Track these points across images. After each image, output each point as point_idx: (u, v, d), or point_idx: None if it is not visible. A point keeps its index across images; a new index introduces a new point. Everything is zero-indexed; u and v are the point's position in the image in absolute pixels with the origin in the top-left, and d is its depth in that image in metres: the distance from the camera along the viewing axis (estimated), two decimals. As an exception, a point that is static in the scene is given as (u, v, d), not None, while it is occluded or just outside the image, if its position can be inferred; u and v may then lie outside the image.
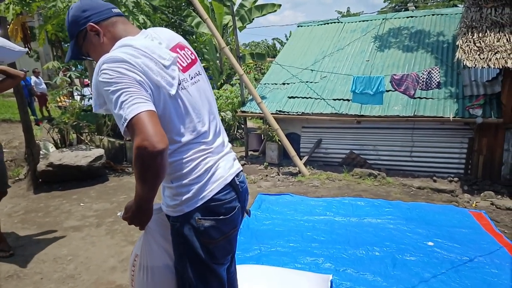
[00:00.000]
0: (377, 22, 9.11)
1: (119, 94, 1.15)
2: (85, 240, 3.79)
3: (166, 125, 1.26)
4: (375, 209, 4.52)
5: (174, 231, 1.40)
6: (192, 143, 1.33)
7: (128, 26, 1.41)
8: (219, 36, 7.30)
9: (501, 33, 5.59)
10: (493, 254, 3.30)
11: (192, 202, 1.33)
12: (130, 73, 1.18)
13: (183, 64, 1.38)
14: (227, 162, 1.45)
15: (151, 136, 1.10)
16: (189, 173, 1.33)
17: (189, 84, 1.37)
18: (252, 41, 27.77)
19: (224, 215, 1.37)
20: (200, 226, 1.34)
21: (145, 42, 1.30)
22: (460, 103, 6.31)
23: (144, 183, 1.20)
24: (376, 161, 7.03)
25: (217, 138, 1.46)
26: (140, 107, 1.13)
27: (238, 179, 1.48)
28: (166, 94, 1.26)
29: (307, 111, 7.27)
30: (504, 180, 6.00)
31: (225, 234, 1.40)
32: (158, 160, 1.12)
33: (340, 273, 2.99)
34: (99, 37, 1.36)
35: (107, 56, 1.22)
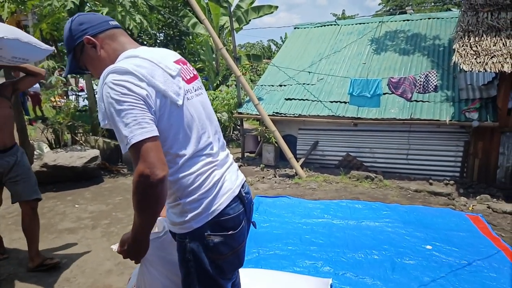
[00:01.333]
0: (373, 25, 9.14)
1: (123, 115, 1.14)
2: (81, 242, 3.73)
3: (172, 136, 1.25)
4: (373, 212, 4.52)
5: (181, 248, 1.36)
6: (198, 155, 1.32)
7: (127, 38, 1.40)
8: (216, 37, 7.27)
9: (497, 37, 5.64)
10: (491, 258, 3.30)
11: (202, 218, 1.31)
12: (135, 88, 1.17)
13: (187, 77, 1.38)
14: (232, 174, 1.44)
15: (153, 164, 1.12)
16: (198, 188, 1.30)
17: (193, 95, 1.37)
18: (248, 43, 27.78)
19: (233, 229, 1.35)
20: (209, 242, 1.31)
21: (150, 53, 1.30)
22: (456, 107, 6.35)
23: (143, 212, 1.20)
24: (373, 163, 7.04)
25: (222, 150, 1.46)
26: (144, 133, 1.13)
27: (244, 190, 1.47)
28: (172, 104, 1.25)
29: (304, 113, 7.26)
30: (499, 183, 6.04)
31: (234, 249, 1.38)
32: (158, 189, 1.14)
33: (339, 277, 2.97)
34: (96, 49, 1.34)
35: (112, 67, 1.21)
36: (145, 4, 7.13)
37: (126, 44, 1.37)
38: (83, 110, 9.84)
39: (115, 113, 1.15)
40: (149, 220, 1.23)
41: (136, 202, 1.18)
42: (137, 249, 1.31)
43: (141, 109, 1.15)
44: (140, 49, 1.34)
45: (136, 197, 1.17)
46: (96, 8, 6.75)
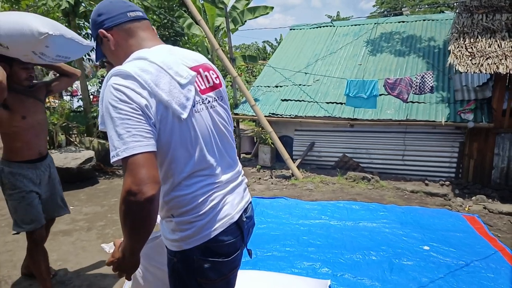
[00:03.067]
0: (369, 26, 9.17)
1: (118, 123, 1.06)
2: (75, 244, 3.68)
3: (171, 152, 1.16)
4: (370, 213, 4.52)
5: (170, 264, 1.29)
6: (198, 175, 1.22)
7: (147, 33, 1.29)
8: (212, 37, 7.25)
9: (492, 38, 5.68)
10: (488, 258, 3.31)
11: (192, 240, 1.21)
12: (135, 95, 1.08)
13: (201, 86, 1.26)
14: (236, 196, 1.33)
15: (142, 181, 1.02)
16: (193, 209, 1.21)
17: (204, 107, 1.25)
18: (243, 44, 27.75)
19: (225, 256, 1.26)
20: (197, 266, 1.23)
21: (162, 56, 1.20)
22: (451, 108, 6.38)
23: (129, 231, 1.11)
24: (369, 164, 7.05)
25: (229, 169, 1.34)
26: (137, 146, 1.04)
27: (246, 214, 1.37)
28: (175, 117, 1.14)
29: (300, 114, 7.26)
30: (494, 184, 6.08)
31: (224, 276, 1.28)
32: (145, 209, 1.04)
33: (337, 278, 2.96)
34: (110, 45, 1.27)
35: (117, 69, 1.13)
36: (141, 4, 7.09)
37: (143, 40, 1.27)
38: (77, 110, 9.75)
39: (110, 119, 1.07)
40: (135, 240, 1.13)
41: (122, 220, 1.08)
42: (125, 266, 1.21)
43: (137, 120, 1.06)
44: (153, 49, 1.23)
45: (121, 215, 1.08)
46: (91, 7, 6.70)
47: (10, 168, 2.45)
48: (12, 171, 2.45)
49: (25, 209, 2.46)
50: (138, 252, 1.18)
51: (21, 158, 2.48)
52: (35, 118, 2.52)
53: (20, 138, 2.45)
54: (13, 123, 2.40)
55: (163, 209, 1.25)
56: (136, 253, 1.18)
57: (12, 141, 2.44)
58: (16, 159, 2.47)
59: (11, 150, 2.47)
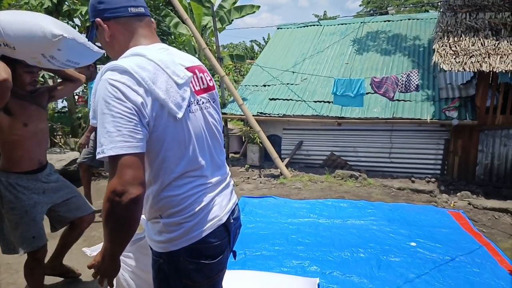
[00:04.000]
0: (355, 25, 9.25)
1: (109, 120, 1.04)
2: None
3: (163, 151, 1.15)
4: (358, 210, 4.55)
5: (155, 266, 1.27)
6: (189, 176, 1.21)
7: (145, 30, 1.27)
8: (199, 36, 7.21)
9: (475, 37, 5.79)
10: (473, 253, 3.37)
11: (179, 242, 1.20)
12: (131, 93, 1.06)
13: (196, 87, 1.26)
14: (224, 198, 1.33)
15: (128, 182, 1.02)
16: (182, 211, 1.20)
17: (198, 108, 1.25)
18: (230, 43, 27.66)
19: (212, 258, 1.25)
20: (184, 267, 1.21)
21: (159, 54, 1.19)
22: (436, 106, 6.48)
23: (111, 233, 1.09)
24: (357, 162, 7.11)
25: (218, 170, 1.34)
26: (125, 147, 1.02)
27: (233, 216, 1.36)
28: (170, 117, 1.13)
29: (288, 113, 7.27)
30: (478, 180, 6.20)
31: (211, 278, 1.27)
32: (130, 210, 1.04)
33: (326, 276, 2.97)
34: (105, 35, 1.25)
35: (113, 64, 1.11)
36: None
37: (141, 37, 1.25)
38: (62, 111, 9.59)
39: (102, 115, 1.05)
40: (116, 243, 1.11)
41: (104, 220, 1.06)
42: (106, 269, 1.19)
43: (129, 120, 1.04)
44: (151, 47, 1.22)
45: (104, 215, 1.06)
46: (75, 6, 6.60)
47: (9, 179, 2.28)
48: (11, 183, 2.28)
49: (28, 224, 2.27)
50: (118, 255, 1.17)
51: (21, 168, 2.31)
52: (37, 126, 2.36)
53: (21, 147, 2.28)
54: (14, 131, 2.24)
55: (151, 210, 1.23)
56: (116, 256, 1.16)
57: (12, 150, 2.28)
58: (15, 170, 2.30)
59: (10, 160, 2.29)
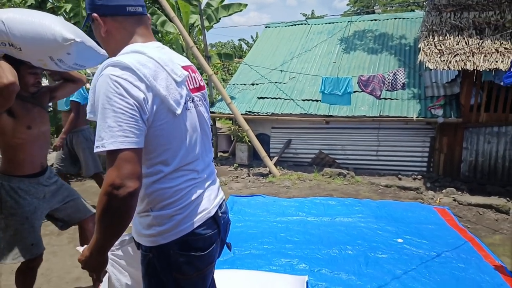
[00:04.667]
0: (342, 24, 9.31)
1: (110, 115, 1.05)
2: (46, 249, 3.49)
3: (160, 146, 1.18)
4: (346, 208, 4.59)
5: (145, 261, 1.27)
6: (183, 169, 1.24)
7: (141, 29, 1.29)
8: (187, 35, 7.15)
9: (460, 36, 5.88)
10: (459, 248, 3.43)
11: (170, 234, 1.22)
12: (133, 89, 1.08)
13: (190, 86, 1.30)
14: (212, 192, 1.36)
15: (126, 176, 1.05)
16: (173, 203, 1.22)
17: (193, 106, 1.29)
18: (219, 42, 27.54)
19: (201, 250, 1.27)
20: (174, 260, 1.23)
21: (158, 53, 1.22)
22: (422, 104, 6.57)
23: (104, 226, 1.10)
24: (345, 160, 7.17)
25: (207, 167, 1.38)
26: (125, 142, 1.05)
27: (221, 210, 1.39)
28: (169, 113, 1.16)
29: (276, 112, 7.28)
30: (463, 177, 6.31)
31: (201, 270, 1.29)
32: (126, 203, 1.06)
33: (315, 274, 2.98)
34: (101, 31, 1.26)
35: (114, 59, 1.12)
36: (112, 1, 6.89)
37: (138, 36, 1.27)
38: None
39: (103, 110, 1.06)
40: (108, 236, 1.13)
41: (99, 213, 1.08)
42: (93, 264, 1.20)
43: (131, 115, 1.06)
44: (149, 45, 1.24)
45: (100, 208, 1.07)
46: (59, 4, 6.47)
47: (11, 183, 2.21)
48: (13, 187, 2.21)
49: (28, 231, 2.20)
50: (107, 250, 1.17)
51: (22, 172, 2.23)
52: (40, 129, 2.29)
53: (24, 151, 2.21)
54: (18, 134, 2.16)
55: (142, 203, 1.24)
56: (104, 251, 1.17)
57: (14, 153, 2.20)
58: (17, 173, 2.22)
59: (12, 163, 2.22)
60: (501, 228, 4.19)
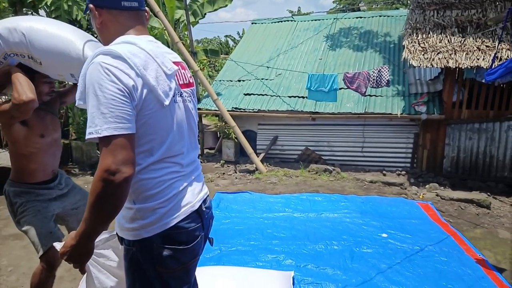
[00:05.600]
0: (328, 21, 9.36)
1: (102, 102, 1.07)
2: (27, 249, 3.45)
3: (146, 135, 1.18)
4: (331, 203, 4.63)
5: (128, 256, 1.26)
6: (167, 161, 1.24)
7: (136, 24, 1.30)
8: (172, 30, 7.07)
9: (443, 34, 5.98)
10: (441, 242, 3.50)
11: (153, 228, 1.21)
12: (123, 76, 1.10)
13: (180, 82, 1.32)
14: (196, 187, 1.36)
15: (122, 162, 1.07)
16: (156, 195, 1.22)
17: (181, 100, 1.31)
18: (205, 38, 27.29)
19: (185, 244, 1.26)
20: (157, 254, 1.22)
21: (149, 45, 1.25)
22: (406, 101, 6.67)
23: (97, 212, 1.10)
24: (331, 157, 7.23)
25: (192, 161, 1.39)
26: (118, 128, 1.07)
27: (205, 205, 1.39)
28: (157, 103, 1.18)
29: (263, 108, 7.28)
30: (445, 172, 6.44)
31: (184, 264, 1.28)
32: (121, 188, 1.08)
33: (301, 269, 3.00)
34: (96, 21, 1.30)
35: (106, 48, 1.14)
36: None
37: (130, 29, 1.29)
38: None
39: (94, 97, 1.07)
40: (99, 223, 1.13)
41: (93, 199, 1.08)
42: (79, 253, 1.19)
43: (122, 102, 1.08)
44: (141, 37, 1.26)
45: (94, 194, 1.08)
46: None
47: (20, 188, 2.15)
48: (23, 190, 2.14)
49: (42, 221, 2.15)
50: (95, 236, 1.17)
51: (33, 180, 2.17)
52: (53, 136, 2.23)
53: (36, 160, 2.13)
54: (31, 143, 2.09)
55: None
56: (93, 237, 1.17)
57: (27, 163, 2.13)
58: (28, 181, 2.16)
59: (24, 172, 2.15)
60: (482, 222, 4.30)
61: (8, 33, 1.82)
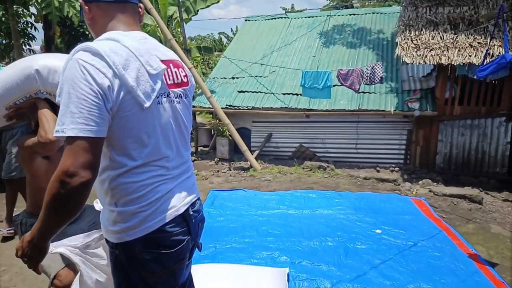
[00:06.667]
0: (322, 18, 9.36)
1: (73, 100, 1.03)
2: (20, 248, 3.43)
3: (125, 138, 1.13)
4: (326, 200, 4.64)
5: (112, 258, 1.24)
6: (150, 165, 1.19)
7: (126, 17, 1.26)
8: (165, 27, 7.03)
9: (435, 31, 6.02)
10: (434, 238, 3.54)
11: (134, 232, 1.17)
12: (99, 75, 1.05)
13: (169, 81, 1.25)
14: (183, 189, 1.31)
15: (82, 165, 1.02)
16: (138, 199, 1.17)
17: (167, 100, 1.24)
18: (198, 35, 27.15)
19: (169, 248, 1.22)
20: (140, 258, 1.19)
21: (135, 42, 1.18)
22: (399, 97, 6.70)
23: (52, 213, 1.07)
24: (325, 153, 7.25)
25: (181, 164, 1.32)
26: (84, 130, 1.02)
27: (193, 208, 1.34)
28: (137, 105, 1.12)
29: (257, 106, 7.28)
30: (438, 168, 6.50)
31: (169, 268, 1.25)
32: (77, 193, 1.04)
33: (296, 266, 3.01)
34: (86, 17, 1.27)
35: (86, 44, 1.10)
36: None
37: (120, 23, 1.24)
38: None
39: (67, 95, 1.04)
40: (53, 225, 1.10)
41: (47, 199, 1.05)
42: (33, 251, 1.16)
43: (93, 103, 1.03)
44: (128, 34, 1.21)
45: (49, 194, 1.04)
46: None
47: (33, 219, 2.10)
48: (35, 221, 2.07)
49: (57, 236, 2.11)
50: (49, 237, 1.14)
51: None
52: None
53: None
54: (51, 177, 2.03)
55: (106, 196, 1.20)
56: (47, 237, 1.13)
57: None
58: None
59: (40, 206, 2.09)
60: (474, 217, 4.34)
61: (47, 73, 1.81)
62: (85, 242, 1.55)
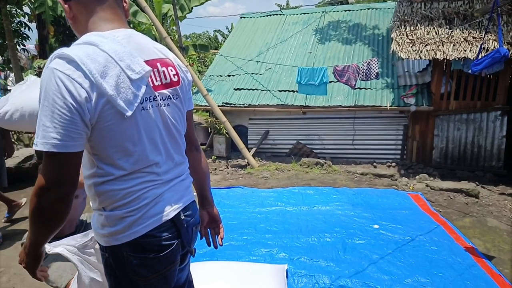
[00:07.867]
0: (317, 15, 9.35)
1: (46, 113, 0.99)
2: (17, 249, 3.41)
3: (108, 148, 1.09)
4: (323, 196, 4.66)
5: (103, 260, 1.24)
6: (138, 172, 1.15)
7: (107, 13, 1.17)
8: (159, 25, 6.99)
9: (430, 26, 6.03)
10: (431, 232, 3.56)
11: (122, 236, 1.15)
12: (74, 87, 0.99)
13: (156, 83, 1.18)
14: (175, 194, 1.26)
15: (58, 181, 1.01)
16: (126, 205, 1.15)
17: (154, 105, 1.16)
18: (193, 33, 27.07)
19: (157, 252, 1.19)
20: (128, 262, 1.17)
21: (116, 44, 1.10)
22: (395, 93, 6.72)
23: (36, 225, 1.09)
24: (322, 150, 7.26)
25: (173, 168, 1.28)
26: (56, 145, 0.98)
27: (185, 212, 1.29)
28: (118, 114, 1.06)
29: (253, 103, 7.27)
30: (435, 163, 6.53)
31: (159, 272, 1.22)
32: (56, 208, 1.04)
33: (294, 262, 3.02)
34: (68, 16, 1.20)
35: (62, 51, 1.04)
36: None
37: (102, 21, 1.16)
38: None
39: (42, 107, 1.00)
40: (39, 235, 1.12)
41: (30, 212, 1.05)
42: (27, 259, 1.19)
43: (68, 118, 0.98)
44: (109, 34, 1.12)
45: (30, 207, 1.04)
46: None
47: None
48: None
49: None
50: (40, 245, 1.16)
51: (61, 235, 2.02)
52: (83, 195, 2.12)
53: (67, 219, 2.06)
54: None
55: (95, 201, 1.19)
56: (38, 246, 1.16)
57: None
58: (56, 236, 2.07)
59: None
60: (471, 211, 4.37)
61: None
62: (82, 242, 1.54)
